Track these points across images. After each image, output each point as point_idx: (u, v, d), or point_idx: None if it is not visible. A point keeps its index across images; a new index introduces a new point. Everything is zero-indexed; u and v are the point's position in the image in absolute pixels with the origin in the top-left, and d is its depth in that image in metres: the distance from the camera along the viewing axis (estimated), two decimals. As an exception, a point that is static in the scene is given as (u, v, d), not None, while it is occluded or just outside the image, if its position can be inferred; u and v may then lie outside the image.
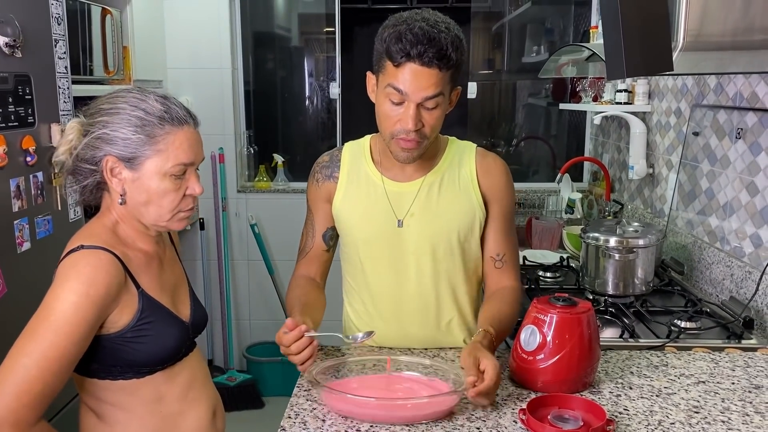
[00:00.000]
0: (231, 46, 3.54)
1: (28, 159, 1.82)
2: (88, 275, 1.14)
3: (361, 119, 3.77)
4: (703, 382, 1.39)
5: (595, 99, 3.02)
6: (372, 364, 1.40)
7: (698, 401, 1.30)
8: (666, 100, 2.57)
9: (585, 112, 3.60)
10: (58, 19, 1.90)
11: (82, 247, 1.17)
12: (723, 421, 1.22)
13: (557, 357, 1.31)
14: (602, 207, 3.10)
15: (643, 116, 2.75)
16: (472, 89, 3.53)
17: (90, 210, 1.33)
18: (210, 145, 3.48)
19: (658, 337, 1.76)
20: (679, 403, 1.29)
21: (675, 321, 1.82)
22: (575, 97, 3.31)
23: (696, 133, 2.28)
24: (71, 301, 1.12)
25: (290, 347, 1.27)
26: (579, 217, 3.13)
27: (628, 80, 2.76)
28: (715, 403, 1.29)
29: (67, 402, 1.84)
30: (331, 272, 1.66)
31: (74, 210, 1.94)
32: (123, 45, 2.89)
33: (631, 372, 1.43)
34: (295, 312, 1.40)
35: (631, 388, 1.36)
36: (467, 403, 1.28)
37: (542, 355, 1.32)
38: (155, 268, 1.29)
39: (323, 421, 1.23)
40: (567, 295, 1.38)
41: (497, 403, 1.29)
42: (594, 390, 1.35)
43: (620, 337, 1.78)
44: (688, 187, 2.34)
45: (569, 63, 3.03)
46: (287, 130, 4.03)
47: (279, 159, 3.70)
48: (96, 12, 2.59)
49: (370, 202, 1.52)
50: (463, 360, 1.28)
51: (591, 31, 2.98)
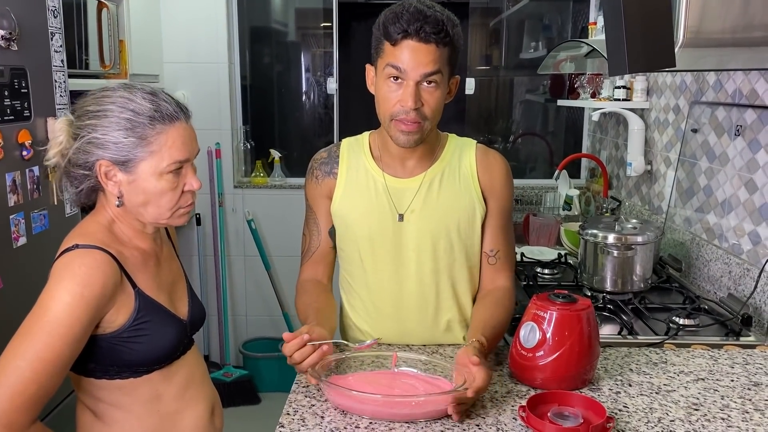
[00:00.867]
0: (228, 41, 3.52)
1: (24, 153, 1.80)
2: (82, 275, 1.12)
3: (359, 115, 3.78)
4: (703, 379, 1.39)
5: (593, 95, 3.01)
6: (370, 360, 1.39)
7: (698, 398, 1.30)
8: (664, 96, 2.56)
9: (583, 108, 3.59)
10: (54, 12, 1.88)
11: (77, 246, 1.15)
12: (722, 419, 1.22)
13: (557, 354, 1.31)
14: (600, 204, 3.09)
15: (641, 113, 2.74)
16: (470, 85, 3.52)
17: (86, 207, 1.31)
18: (206, 140, 3.46)
19: (656, 334, 1.76)
20: (679, 401, 1.29)
21: (673, 318, 1.82)
22: (573, 94, 3.31)
23: (695, 130, 2.28)
24: (66, 301, 1.10)
25: (293, 356, 1.26)
26: (576, 213, 3.13)
27: (627, 77, 2.76)
28: (715, 401, 1.29)
29: (61, 399, 1.82)
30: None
31: (70, 205, 1.93)
32: (119, 39, 2.87)
33: (631, 369, 1.43)
34: (310, 320, 1.39)
35: (630, 386, 1.35)
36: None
37: (542, 352, 1.32)
38: (152, 266, 1.27)
39: (322, 417, 1.22)
40: (566, 292, 1.38)
41: (497, 400, 1.28)
42: (593, 387, 1.35)
43: (619, 334, 1.78)
44: (686, 184, 2.34)
45: (567, 59, 3.02)
46: (284, 125, 4.01)
47: (276, 155, 3.69)
48: (92, 5, 2.57)
49: (371, 197, 1.50)
50: (456, 370, 1.28)
51: (589, 27, 2.97)
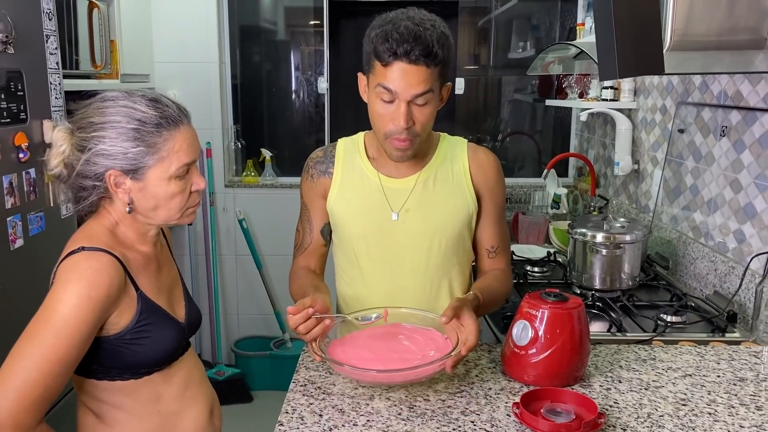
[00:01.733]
0: (219, 40, 3.52)
1: (21, 155, 1.81)
2: (89, 277, 1.14)
3: (348, 113, 3.79)
4: (690, 375, 1.42)
5: (581, 96, 3.05)
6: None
7: (685, 394, 1.33)
8: (651, 97, 2.60)
9: (570, 108, 3.63)
10: (49, 15, 1.88)
11: (83, 248, 1.17)
12: (709, 413, 1.26)
13: (549, 351, 1.34)
14: (587, 202, 3.14)
15: (628, 113, 2.79)
16: (460, 85, 3.56)
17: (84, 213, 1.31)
18: (197, 139, 3.46)
19: (644, 332, 1.80)
20: (667, 396, 1.32)
21: (661, 315, 1.86)
22: (561, 94, 3.35)
23: (681, 130, 2.32)
24: (73, 303, 1.11)
25: (298, 328, 1.29)
26: (565, 212, 3.17)
27: (614, 77, 2.79)
28: (702, 396, 1.33)
29: (59, 399, 1.83)
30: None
31: (66, 206, 1.94)
32: (110, 39, 2.87)
33: (620, 366, 1.47)
34: (309, 293, 1.40)
35: (620, 382, 1.39)
36: (463, 396, 1.30)
37: (534, 350, 1.35)
38: (153, 270, 1.29)
39: (320, 416, 1.24)
40: (558, 290, 1.41)
41: (491, 396, 1.31)
42: (584, 384, 1.38)
43: (608, 331, 1.82)
44: (673, 183, 2.38)
45: (555, 61, 3.05)
46: (274, 124, 4.02)
47: (267, 154, 3.70)
48: (82, 5, 2.57)
49: (366, 197, 1.53)
50: (447, 311, 1.31)
51: (577, 28, 3.01)
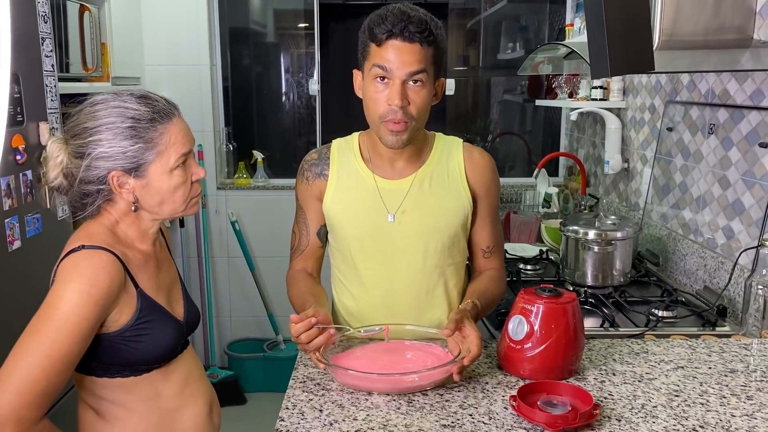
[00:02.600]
0: (209, 43, 3.53)
1: (18, 158, 1.81)
2: (90, 275, 1.15)
3: (338, 114, 3.80)
4: (682, 367, 1.45)
5: (570, 95, 3.08)
6: (369, 339, 1.46)
7: (678, 385, 1.36)
8: (640, 96, 2.64)
9: (560, 108, 3.67)
10: (44, 18, 1.88)
11: (83, 247, 1.18)
12: (702, 404, 1.28)
13: (544, 345, 1.36)
14: (578, 201, 3.17)
15: (618, 112, 2.82)
16: (450, 86, 3.58)
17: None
18: (189, 142, 3.46)
19: (637, 326, 1.83)
20: (660, 388, 1.35)
21: (652, 310, 1.89)
22: (551, 94, 3.38)
23: (670, 129, 2.35)
24: (74, 300, 1.13)
25: (300, 337, 1.31)
26: (556, 211, 3.20)
27: (603, 77, 2.83)
28: (694, 387, 1.35)
29: (61, 396, 1.83)
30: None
31: (62, 208, 1.94)
32: (101, 42, 2.87)
33: (614, 359, 1.49)
34: (309, 304, 1.43)
35: (614, 375, 1.41)
36: (460, 390, 1.32)
37: (530, 344, 1.37)
38: (152, 268, 1.31)
39: (320, 411, 1.25)
40: (552, 286, 1.43)
41: (487, 390, 1.33)
42: (579, 377, 1.40)
43: (601, 326, 1.84)
44: (662, 181, 2.41)
45: (545, 61, 3.09)
46: (265, 126, 4.03)
47: (259, 156, 3.70)
48: (72, 8, 2.58)
49: (361, 198, 1.53)
50: (449, 325, 1.34)
51: (567, 28, 3.04)
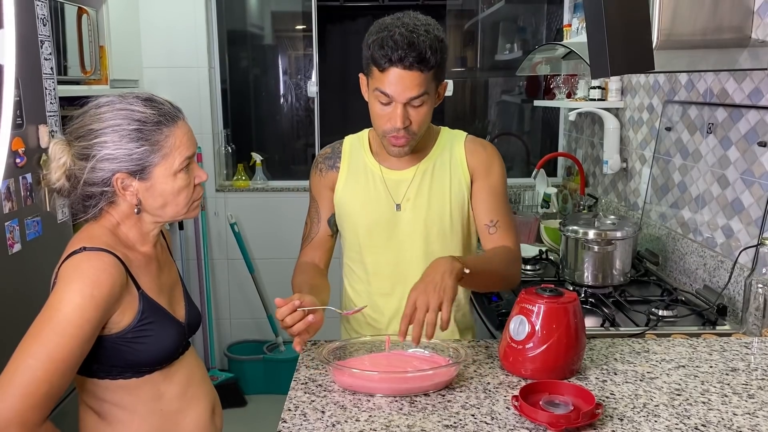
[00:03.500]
0: (207, 45, 3.53)
1: (18, 161, 1.81)
2: (91, 277, 1.15)
3: (336, 116, 3.80)
4: (683, 366, 1.45)
5: (568, 96, 3.09)
6: (368, 348, 1.46)
7: (679, 384, 1.36)
8: (638, 96, 2.64)
9: (558, 108, 3.67)
10: (43, 20, 1.88)
11: (85, 248, 1.18)
12: (704, 402, 1.28)
13: (546, 345, 1.36)
14: (577, 201, 3.17)
15: (616, 112, 2.83)
16: (449, 87, 3.58)
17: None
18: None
19: (637, 326, 1.83)
20: (662, 387, 1.35)
21: (653, 310, 1.90)
22: (549, 94, 3.38)
23: (668, 128, 2.36)
24: (76, 302, 1.13)
25: (285, 320, 1.33)
26: (555, 211, 3.21)
27: (601, 77, 2.83)
28: (696, 386, 1.35)
29: (63, 398, 1.83)
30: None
31: (62, 211, 1.94)
32: (99, 44, 2.87)
33: (615, 359, 1.49)
34: (303, 291, 1.45)
35: (615, 374, 1.41)
36: (462, 391, 1.32)
37: (531, 344, 1.37)
38: (154, 270, 1.31)
39: (322, 412, 1.25)
40: (553, 286, 1.43)
41: (489, 391, 1.33)
42: (581, 377, 1.40)
43: (601, 326, 1.84)
44: (661, 180, 2.42)
45: (543, 61, 3.09)
46: (264, 128, 4.03)
47: (257, 158, 3.70)
48: (70, 11, 2.58)
49: (369, 189, 1.62)
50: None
51: (564, 29, 3.05)
